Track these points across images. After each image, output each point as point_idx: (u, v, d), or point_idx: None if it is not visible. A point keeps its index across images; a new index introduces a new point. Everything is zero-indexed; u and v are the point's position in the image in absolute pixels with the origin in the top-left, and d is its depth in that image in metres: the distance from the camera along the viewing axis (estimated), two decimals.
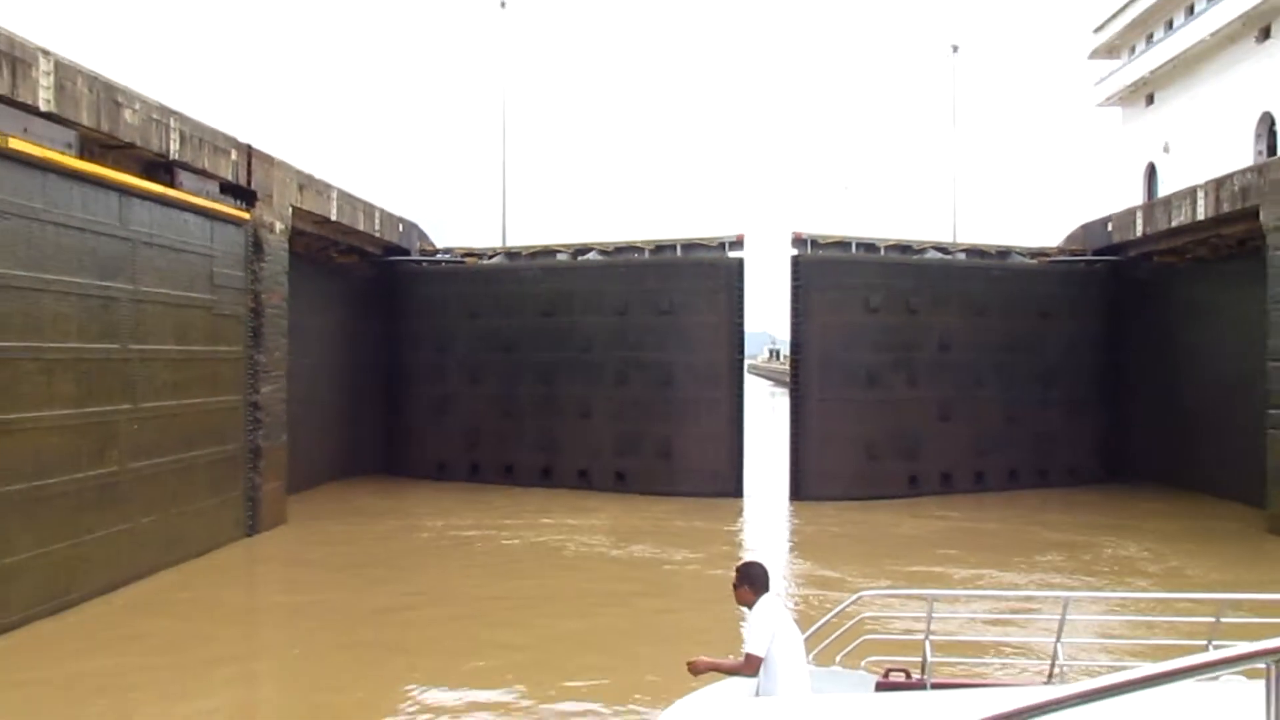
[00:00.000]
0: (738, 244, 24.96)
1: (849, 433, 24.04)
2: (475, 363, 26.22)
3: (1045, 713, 1.94)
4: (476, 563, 17.59)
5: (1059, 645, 7.20)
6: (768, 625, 6.57)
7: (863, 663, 7.50)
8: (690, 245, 25.37)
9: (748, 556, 11.65)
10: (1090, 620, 10.69)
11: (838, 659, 7.38)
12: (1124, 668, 2.45)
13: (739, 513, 22.71)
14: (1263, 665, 2.16)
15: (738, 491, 24.11)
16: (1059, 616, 7.25)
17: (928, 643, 7.14)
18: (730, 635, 12.64)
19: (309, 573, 17.06)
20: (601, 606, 14.71)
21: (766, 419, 48.22)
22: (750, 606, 6.77)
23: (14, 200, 12.17)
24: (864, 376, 24.27)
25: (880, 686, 7.16)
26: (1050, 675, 7.41)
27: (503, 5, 45.96)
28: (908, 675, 7.25)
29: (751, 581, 6.83)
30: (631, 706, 10.11)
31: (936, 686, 6.91)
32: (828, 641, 7.38)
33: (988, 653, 10.34)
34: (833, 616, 7.50)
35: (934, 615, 7.28)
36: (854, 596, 7.66)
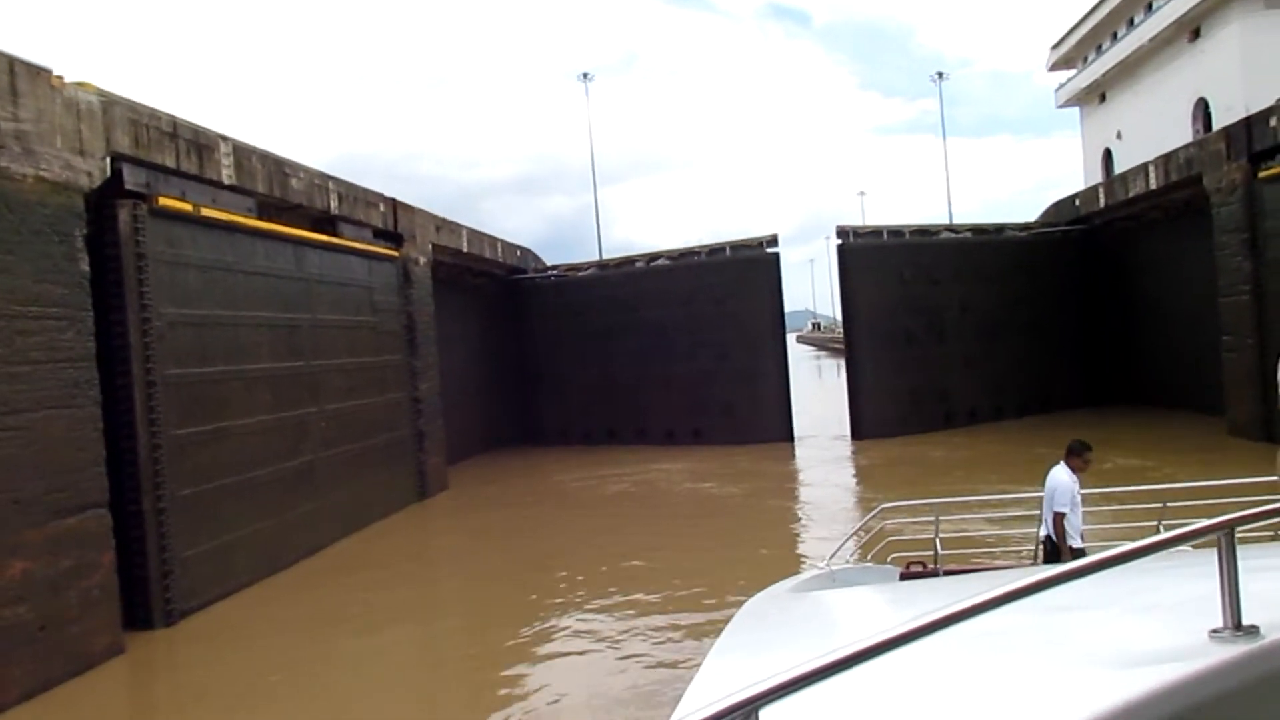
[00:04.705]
0: (773, 242, 24.00)
1: (894, 383, 22.91)
2: (580, 351, 25.67)
3: (1032, 593, 1.74)
4: (594, 503, 17.48)
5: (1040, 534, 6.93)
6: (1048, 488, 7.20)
7: (889, 559, 7.21)
8: (736, 246, 24.37)
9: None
10: None
11: (869, 557, 7.10)
12: (1096, 548, 1.90)
13: (791, 455, 21.75)
14: (1214, 537, 1.94)
15: (788, 437, 23.07)
16: (1039, 512, 6.95)
17: (937, 540, 6.92)
18: (757, 536, 13.59)
19: (469, 521, 16.97)
20: (680, 518, 15.07)
21: (813, 379, 47.03)
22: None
23: (210, 256, 11.97)
24: (903, 337, 23.17)
25: (903, 576, 6.77)
26: (1035, 559, 7.12)
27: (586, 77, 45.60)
28: (924, 566, 6.91)
29: (1066, 452, 7.42)
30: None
31: (947, 573, 6.52)
32: (861, 543, 7.14)
33: (984, 545, 9.79)
34: (859, 527, 7.28)
35: (941, 519, 6.97)
36: (876, 509, 7.35)
